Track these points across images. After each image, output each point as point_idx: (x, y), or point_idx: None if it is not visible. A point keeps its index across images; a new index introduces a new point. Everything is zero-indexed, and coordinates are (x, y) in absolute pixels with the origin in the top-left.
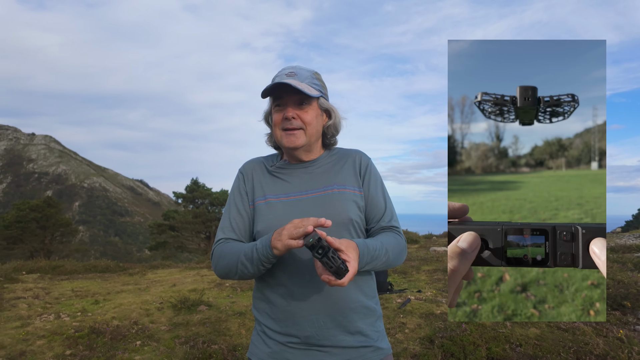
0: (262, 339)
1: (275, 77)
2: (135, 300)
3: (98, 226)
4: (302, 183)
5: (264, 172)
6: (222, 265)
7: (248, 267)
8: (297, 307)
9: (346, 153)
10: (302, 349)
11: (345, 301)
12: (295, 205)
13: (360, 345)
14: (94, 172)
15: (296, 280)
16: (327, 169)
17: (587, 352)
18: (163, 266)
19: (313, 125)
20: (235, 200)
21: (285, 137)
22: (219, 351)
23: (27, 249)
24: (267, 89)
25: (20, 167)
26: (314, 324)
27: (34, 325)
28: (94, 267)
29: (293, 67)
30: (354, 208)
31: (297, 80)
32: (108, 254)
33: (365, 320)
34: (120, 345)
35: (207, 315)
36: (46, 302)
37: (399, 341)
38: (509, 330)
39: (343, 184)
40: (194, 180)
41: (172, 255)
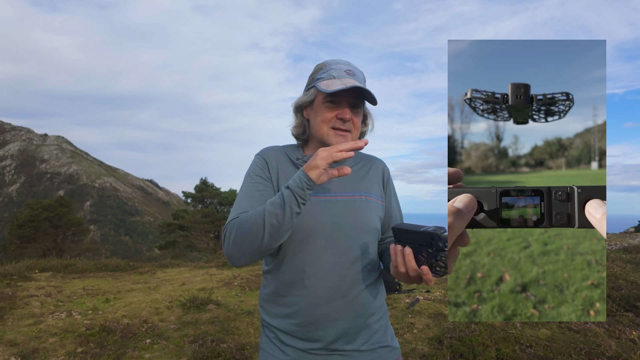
0: (277, 347)
1: (332, 70)
2: (145, 299)
3: (109, 225)
4: (331, 184)
5: (289, 164)
6: (242, 231)
7: (279, 215)
8: (322, 312)
9: (369, 159)
10: (324, 355)
11: (367, 305)
12: (324, 206)
13: (378, 347)
14: (104, 172)
15: (323, 285)
16: (353, 173)
17: (598, 354)
18: (172, 265)
19: (359, 130)
20: (256, 182)
21: (335, 137)
22: (227, 350)
23: (39, 247)
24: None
25: (33, 168)
26: (338, 330)
27: (46, 323)
28: (105, 266)
29: (347, 63)
30: (377, 217)
31: (359, 82)
32: (118, 253)
33: (380, 322)
34: (130, 343)
35: (216, 314)
36: (58, 300)
37: (408, 341)
38: (519, 331)
39: (369, 192)
40: (203, 180)
41: (182, 255)
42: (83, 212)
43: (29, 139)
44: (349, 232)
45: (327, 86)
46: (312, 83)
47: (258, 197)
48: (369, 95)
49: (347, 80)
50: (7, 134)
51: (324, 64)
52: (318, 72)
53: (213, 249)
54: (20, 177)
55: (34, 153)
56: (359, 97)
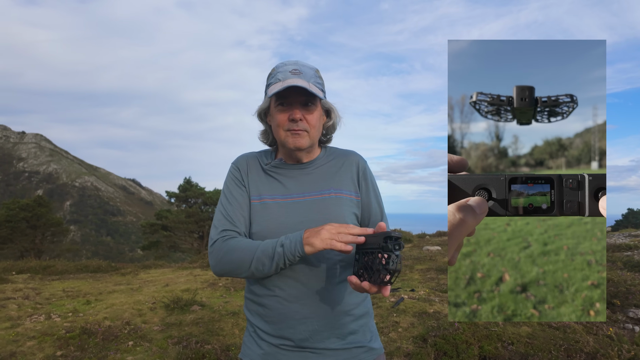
0: (255, 340)
1: (278, 73)
2: (127, 301)
3: (90, 226)
4: (299, 185)
5: (258, 170)
6: (229, 260)
7: (265, 265)
8: (292, 310)
9: (343, 154)
10: (295, 351)
11: (341, 305)
12: (292, 207)
13: (353, 347)
14: (85, 171)
15: (292, 284)
16: (324, 171)
17: (577, 350)
18: (156, 266)
19: (317, 127)
20: (234, 193)
21: (291, 138)
22: (212, 351)
23: (17, 248)
24: (280, 91)
25: (10, 166)
26: (308, 328)
27: (24, 326)
28: (86, 267)
29: (295, 63)
30: (350, 214)
31: (304, 80)
32: (100, 254)
33: (358, 322)
34: (112, 345)
35: (200, 315)
36: (37, 303)
37: (392, 340)
38: (501, 328)
39: (340, 188)
40: (187, 179)
41: (165, 255)
42: (63, 212)
43: (6, 136)
44: None
45: (271, 90)
46: (265, 89)
47: (236, 211)
48: (311, 91)
49: (289, 80)
50: None
51: (273, 68)
52: (269, 78)
53: (197, 249)
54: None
55: (10, 151)
56: (309, 94)
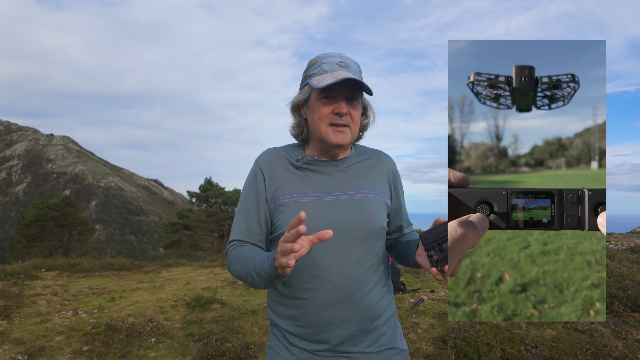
0: (284, 346)
1: (323, 64)
2: (150, 298)
3: (114, 225)
4: (333, 182)
5: (287, 166)
6: (235, 270)
7: (257, 282)
8: (327, 314)
9: (375, 154)
10: (331, 357)
11: (373, 307)
12: (327, 206)
13: (385, 348)
14: (110, 172)
15: (328, 288)
16: (357, 169)
17: (605, 355)
18: (177, 264)
19: (358, 123)
20: (250, 199)
21: (333, 133)
22: (232, 349)
23: (46, 247)
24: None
25: (39, 167)
26: (344, 332)
27: (52, 321)
28: (110, 265)
29: (339, 55)
30: (383, 215)
31: (352, 73)
32: (124, 252)
33: (388, 323)
34: (135, 342)
35: (221, 313)
36: (64, 299)
37: (412, 341)
38: (524, 331)
39: (373, 189)
40: (207, 179)
41: (186, 254)
42: (89, 211)
43: (35, 139)
44: (353, 232)
45: (319, 81)
46: (306, 80)
47: (251, 219)
48: (364, 85)
49: (339, 72)
50: (14, 134)
51: (315, 59)
52: (310, 68)
53: (217, 248)
54: (26, 177)
55: (40, 153)
56: (355, 89)
